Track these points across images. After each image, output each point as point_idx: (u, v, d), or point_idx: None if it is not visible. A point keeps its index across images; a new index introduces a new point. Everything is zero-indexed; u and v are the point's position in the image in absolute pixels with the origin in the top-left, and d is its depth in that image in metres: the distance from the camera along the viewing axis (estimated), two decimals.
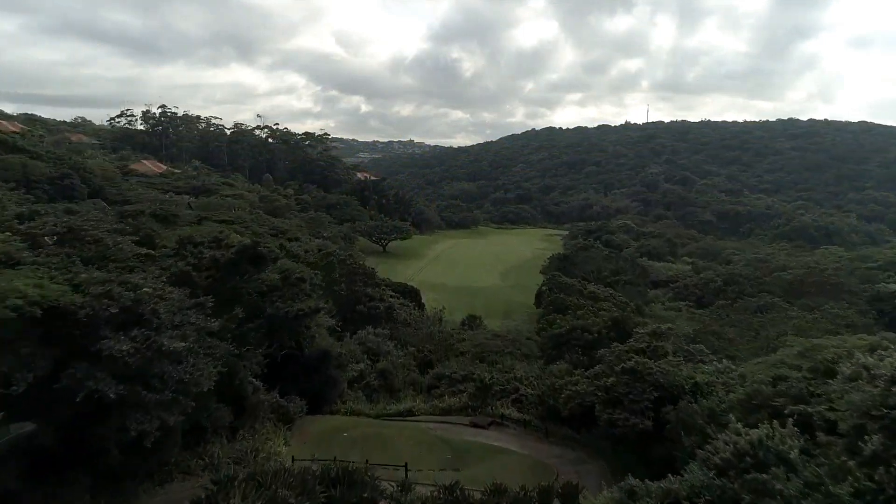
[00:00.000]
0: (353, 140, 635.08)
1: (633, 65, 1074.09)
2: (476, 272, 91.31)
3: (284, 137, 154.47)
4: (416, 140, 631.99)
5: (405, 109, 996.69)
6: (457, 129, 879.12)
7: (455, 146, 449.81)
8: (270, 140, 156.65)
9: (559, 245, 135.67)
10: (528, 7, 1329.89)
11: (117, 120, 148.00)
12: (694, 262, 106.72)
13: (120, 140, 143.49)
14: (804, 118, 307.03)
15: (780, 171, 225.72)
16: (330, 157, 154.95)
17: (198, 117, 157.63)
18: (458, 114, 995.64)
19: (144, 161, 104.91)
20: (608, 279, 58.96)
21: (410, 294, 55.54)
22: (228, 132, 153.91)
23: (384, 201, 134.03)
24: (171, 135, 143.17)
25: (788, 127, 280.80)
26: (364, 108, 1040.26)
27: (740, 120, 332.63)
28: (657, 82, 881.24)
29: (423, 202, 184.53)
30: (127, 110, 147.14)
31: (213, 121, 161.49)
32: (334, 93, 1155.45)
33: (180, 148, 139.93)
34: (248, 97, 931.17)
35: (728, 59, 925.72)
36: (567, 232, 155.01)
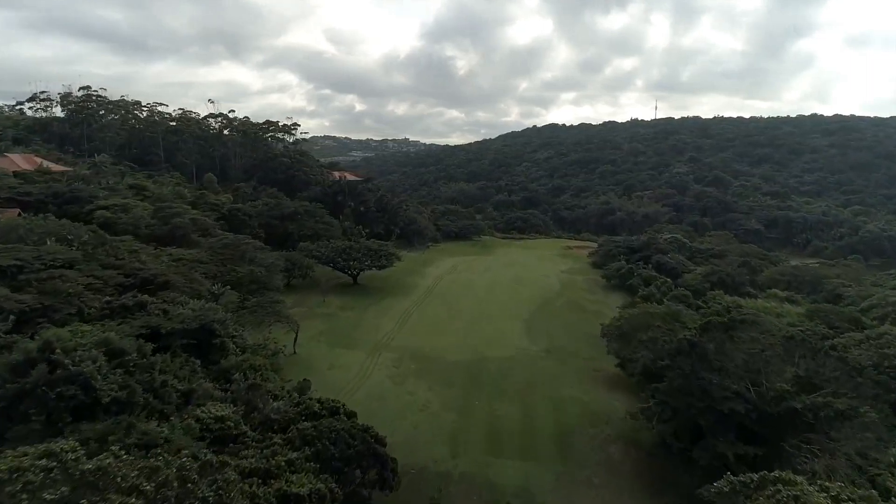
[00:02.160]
0: (345, 138, 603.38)
1: (628, 63, 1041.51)
2: (488, 321, 58.87)
3: (242, 128, 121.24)
4: (412, 139, 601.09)
5: (400, 108, 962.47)
6: (452, 128, 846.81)
7: (451, 145, 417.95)
8: (226, 132, 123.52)
9: (586, 264, 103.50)
10: (522, 4, 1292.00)
11: (29, 105, 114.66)
12: (790, 295, 74.80)
13: (33, 130, 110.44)
14: (829, 115, 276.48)
15: (820, 170, 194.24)
16: (298, 152, 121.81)
17: (137, 103, 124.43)
18: (453, 113, 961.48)
19: (9, 155, 72.08)
20: (790, 396, 26.55)
21: (371, 460, 23.01)
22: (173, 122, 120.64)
23: (363, 209, 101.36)
24: (94, 123, 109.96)
25: (819, 122, 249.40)
26: (358, 106, 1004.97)
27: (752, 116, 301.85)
28: (652, 81, 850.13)
29: (417, 206, 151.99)
30: (41, 93, 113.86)
31: (159, 108, 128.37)
32: (327, 91, 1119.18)
33: (103, 140, 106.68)
34: (242, 95, 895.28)
35: (724, 57, 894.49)
36: (595, 245, 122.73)
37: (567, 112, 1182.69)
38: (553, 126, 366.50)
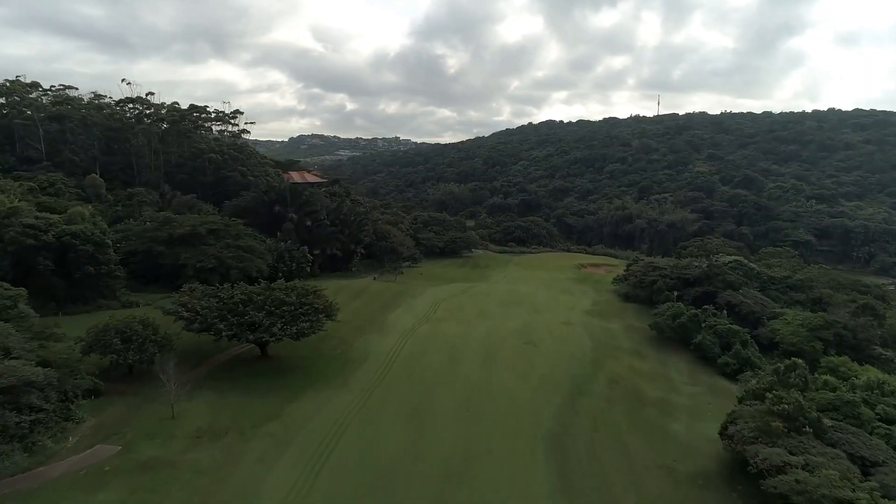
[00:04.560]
0: (334, 137, 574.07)
1: (618, 62, 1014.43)
2: (486, 453, 30.70)
3: (164, 116, 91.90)
4: (403, 138, 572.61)
5: (390, 108, 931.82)
6: (444, 127, 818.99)
7: (443, 144, 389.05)
8: (147, 120, 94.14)
9: (613, 294, 75.49)
10: (512, 2, 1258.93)
11: None
12: None
13: None
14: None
15: (857, 169, 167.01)
16: (233, 147, 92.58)
17: (34, 85, 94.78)
18: (444, 112, 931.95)
19: None
20: None
21: None
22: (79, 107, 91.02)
23: (310, 222, 72.59)
24: None
25: (846, 117, 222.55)
26: (349, 106, 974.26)
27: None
28: (643, 80, 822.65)
29: (396, 212, 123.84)
30: None
31: (69, 92, 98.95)
32: (317, 90, 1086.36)
33: None
34: (230, 94, 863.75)
35: (715, 55, 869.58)
36: (618, 264, 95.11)
37: (559, 111, 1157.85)
38: (550, 123, 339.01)
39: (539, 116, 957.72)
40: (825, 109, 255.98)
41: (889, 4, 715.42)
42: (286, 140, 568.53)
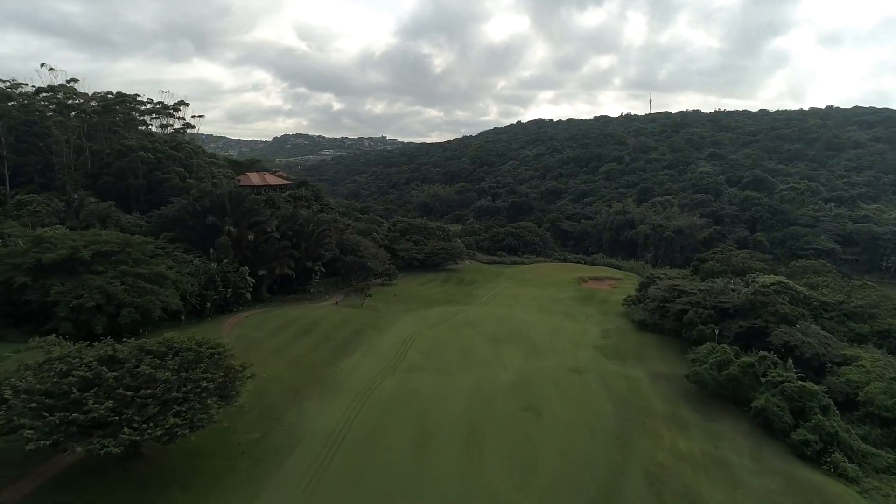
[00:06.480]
0: (318, 136, 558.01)
1: (604, 61, 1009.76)
2: None
3: (88, 108, 76.69)
4: (389, 137, 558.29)
5: (377, 107, 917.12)
6: (431, 127, 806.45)
7: (429, 143, 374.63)
8: (74, 113, 78.89)
9: (623, 319, 62.15)
10: (498, 1, 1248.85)
11: None
12: None
13: None
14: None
15: (868, 168, 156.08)
16: (170, 143, 77.47)
17: None
18: (431, 112, 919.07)
19: None
20: None
21: None
22: None
23: (251, 237, 58.02)
24: None
25: (849, 115, 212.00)
26: (336, 105, 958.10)
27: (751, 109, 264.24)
28: (629, 80, 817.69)
29: (374, 218, 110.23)
30: None
31: None
32: (303, 90, 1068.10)
33: None
34: (215, 94, 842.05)
35: (700, 55, 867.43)
36: (623, 277, 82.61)
37: (546, 111, 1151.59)
38: (539, 121, 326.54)
39: (526, 116, 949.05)
40: (823, 107, 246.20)
41: (870, 5, 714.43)
42: (270, 140, 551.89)
